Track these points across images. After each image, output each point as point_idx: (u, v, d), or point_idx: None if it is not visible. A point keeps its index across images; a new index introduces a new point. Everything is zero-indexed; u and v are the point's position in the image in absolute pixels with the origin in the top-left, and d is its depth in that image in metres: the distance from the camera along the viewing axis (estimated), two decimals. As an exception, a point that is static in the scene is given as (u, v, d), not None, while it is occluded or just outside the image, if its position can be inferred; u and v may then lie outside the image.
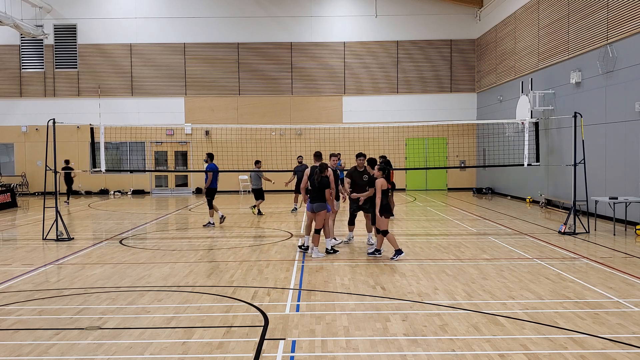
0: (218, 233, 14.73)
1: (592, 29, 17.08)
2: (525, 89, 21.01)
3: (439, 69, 28.97)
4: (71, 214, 19.58)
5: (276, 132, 27.89)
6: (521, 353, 5.81)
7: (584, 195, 14.39)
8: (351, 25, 28.78)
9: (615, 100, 15.77)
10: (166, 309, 7.62)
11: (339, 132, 25.40)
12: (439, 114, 28.11)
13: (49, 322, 7.06)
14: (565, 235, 13.54)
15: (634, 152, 14.83)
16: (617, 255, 11.04)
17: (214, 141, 27.47)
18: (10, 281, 9.34)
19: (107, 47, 28.71)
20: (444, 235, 13.98)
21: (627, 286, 8.58)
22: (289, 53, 28.82)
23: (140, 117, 28.26)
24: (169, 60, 28.79)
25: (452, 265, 10.23)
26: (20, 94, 28.88)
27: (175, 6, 28.68)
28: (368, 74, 28.93)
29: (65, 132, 26.21)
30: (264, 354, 5.90)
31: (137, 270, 10.09)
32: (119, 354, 5.93)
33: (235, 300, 7.97)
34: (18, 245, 13.26)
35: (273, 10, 28.71)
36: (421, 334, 6.44)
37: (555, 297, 7.97)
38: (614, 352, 5.85)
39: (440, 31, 28.76)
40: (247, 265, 10.37)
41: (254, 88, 28.89)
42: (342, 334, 6.49)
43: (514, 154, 20.60)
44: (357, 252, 11.60)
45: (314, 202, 11.13)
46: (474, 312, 7.26)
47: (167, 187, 29.64)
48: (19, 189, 27.10)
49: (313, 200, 11.16)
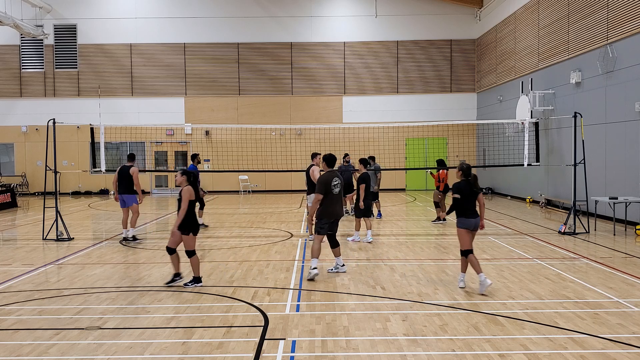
0: (218, 233, 14.73)
1: (592, 29, 17.08)
2: (525, 89, 21.01)
3: (439, 69, 28.96)
4: (71, 214, 19.57)
5: (276, 132, 27.89)
6: (521, 353, 5.81)
7: (584, 195, 14.39)
8: (351, 25, 28.77)
9: (615, 100, 15.77)
10: (166, 309, 7.62)
11: (339, 132, 25.40)
12: (439, 114, 28.10)
13: (49, 322, 7.06)
14: (565, 235, 13.54)
15: (634, 152, 14.83)
16: (617, 255, 11.04)
17: (214, 141, 27.46)
18: (10, 281, 9.34)
19: (107, 47, 28.71)
20: (444, 235, 13.98)
21: (627, 286, 8.58)
22: (289, 53, 28.82)
23: (140, 117, 28.25)
24: (169, 60, 28.79)
25: (452, 265, 10.23)
26: (20, 94, 28.87)
27: (175, 6, 28.67)
28: (368, 74, 28.92)
29: (65, 132, 26.20)
30: (264, 354, 5.90)
31: (137, 270, 10.09)
32: (119, 354, 5.93)
33: (235, 300, 7.97)
34: (18, 245, 13.26)
35: (273, 10, 28.70)
36: (421, 334, 6.44)
37: (555, 297, 7.97)
38: (614, 352, 5.85)
39: (441, 31, 28.75)
40: (247, 265, 10.37)
41: (254, 88, 28.88)
42: (342, 334, 6.49)
43: (514, 154, 20.59)
44: (357, 252, 11.60)
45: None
46: (474, 312, 7.26)
47: (167, 187, 29.64)
48: (19, 189, 27.09)
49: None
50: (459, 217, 8.49)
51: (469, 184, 8.49)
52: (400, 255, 11.22)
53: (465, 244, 8.45)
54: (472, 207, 8.46)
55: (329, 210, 9.25)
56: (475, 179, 8.58)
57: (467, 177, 8.54)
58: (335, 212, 9.37)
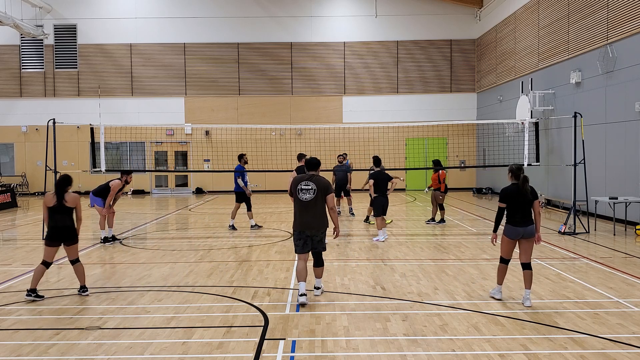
0: (218, 233, 14.73)
1: (592, 29, 17.08)
2: (525, 89, 21.00)
3: (439, 69, 28.97)
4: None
5: (276, 132, 27.89)
6: (521, 353, 5.81)
7: (584, 195, 14.39)
8: (351, 25, 28.77)
9: (615, 100, 15.77)
10: (166, 309, 7.62)
11: (339, 132, 25.40)
12: (439, 114, 28.10)
13: (49, 322, 7.06)
14: (565, 235, 13.54)
15: (634, 152, 14.83)
16: (617, 255, 11.04)
17: (214, 141, 27.47)
18: (10, 281, 9.35)
19: (107, 47, 28.71)
20: (444, 235, 13.98)
21: (627, 286, 8.58)
22: (289, 53, 28.82)
23: (140, 117, 28.25)
24: (169, 60, 28.79)
25: (452, 265, 10.23)
26: (20, 94, 28.87)
27: (175, 6, 28.68)
28: (368, 74, 28.93)
29: (65, 132, 26.20)
30: (264, 354, 5.90)
31: (137, 270, 10.09)
32: (119, 354, 5.93)
33: (235, 300, 7.97)
34: (18, 245, 13.26)
35: (273, 10, 28.70)
36: (421, 334, 6.44)
37: (555, 297, 7.97)
38: (614, 352, 5.85)
39: (441, 31, 28.76)
40: (247, 265, 10.37)
41: (254, 88, 28.89)
42: (342, 334, 6.49)
43: (514, 154, 20.58)
44: (357, 252, 11.60)
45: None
46: (474, 312, 7.26)
47: (167, 187, 29.64)
48: (19, 189, 27.09)
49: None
50: (506, 224, 7.69)
51: (518, 189, 7.53)
52: (400, 255, 11.22)
53: (503, 252, 7.72)
54: (523, 214, 7.50)
55: (297, 219, 7.86)
56: (525, 181, 7.53)
57: (517, 179, 7.58)
58: (304, 222, 7.77)
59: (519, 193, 7.54)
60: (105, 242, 13.00)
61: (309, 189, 7.75)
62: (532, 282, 7.78)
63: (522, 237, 7.59)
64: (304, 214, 7.77)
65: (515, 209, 7.54)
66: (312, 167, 7.96)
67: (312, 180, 7.79)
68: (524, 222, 7.52)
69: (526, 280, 7.62)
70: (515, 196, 7.55)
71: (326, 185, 7.84)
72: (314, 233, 7.79)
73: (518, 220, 7.52)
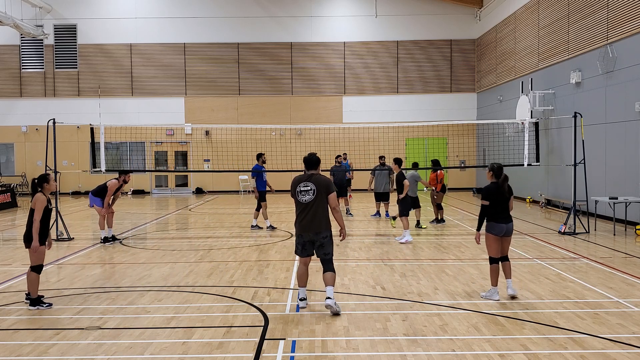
0: (218, 233, 14.73)
1: (592, 29, 17.08)
2: (525, 89, 21.01)
3: (439, 69, 28.97)
4: (71, 214, 19.56)
5: (276, 132, 27.88)
6: (521, 353, 5.81)
7: (584, 195, 14.39)
8: (351, 25, 28.78)
9: (615, 100, 15.77)
10: (166, 309, 7.62)
11: (339, 132, 25.39)
12: (439, 114, 28.09)
13: (49, 322, 7.06)
14: (565, 235, 13.54)
15: (634, 152, 14.83)
16: (617, 255, 11.04)
17: (214, 141, 27.47)
18: (10, 281, 9.34)
19: (107, 47, 28.71)
20: (444, 235, 13.98)
21: (627, 286, 8.58)
22: (289, 53, 28.82)
23: (140, 117, 28.24)
24: (169, 60, 28.79)
25: (452, 265, 10.23)
26: (20, 94, 28.87)
27: (175, 6, 28.68)
28: (368, 74, 28.93)
29: (65, 132, 26.18)
30: (264, 354, 5.90)
31: (137, 270, 10.09)
32: (119, 354, 5.93)
33: (235, 300, 7.97)
34: (18, 245, 13.24)
35: (273, 10, 28.71)
36: (421, 334, 6.44)
37: (555, 297, 7.97)
38: (614, 352, 5.85)
39: (440, 31, 28.76)
40: (247, 265, 10.37)
41: (254, 88, 28.89)
42: (342, 334, 6.49)
43: (514, 154, 20.57)
44: (357, 252, 11.61)
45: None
46: (474, 312, 7.26)
47: (167, 187, 29.65)
48: (19, 189, 27.08)
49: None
50: (488, 222, 7.83)
51: (498, 187, 7.87)
52: (400, 255, 11.22)
53: (492, 251, 7.84)
54: (505, 210, 7.83)
55: (298, 221, 7.46)
56: (505, 180, 7.93)
57: (498, 178, 7.92)
58: (303, 225, 7.36)
59: (499, 191, 7.88)
60: (105, 242, 13.00)
61: (308, 190, 7.35)
62: (511, 271, 8.17)
63: (504, 234, 7.86)
64: (303, 216, 7.38)
65: (497, 207, 7.84)
66: (311, 165, 7.47)
67: (311, 181, 7.38)
68: (505, 219, 7.85)
69: (506, 271, 7.99)
70: (496, 194, 7.88)
71: (327, 184, 7.43)
72: (313, 237, 7.34)
73: (501, 217, 7.82)
